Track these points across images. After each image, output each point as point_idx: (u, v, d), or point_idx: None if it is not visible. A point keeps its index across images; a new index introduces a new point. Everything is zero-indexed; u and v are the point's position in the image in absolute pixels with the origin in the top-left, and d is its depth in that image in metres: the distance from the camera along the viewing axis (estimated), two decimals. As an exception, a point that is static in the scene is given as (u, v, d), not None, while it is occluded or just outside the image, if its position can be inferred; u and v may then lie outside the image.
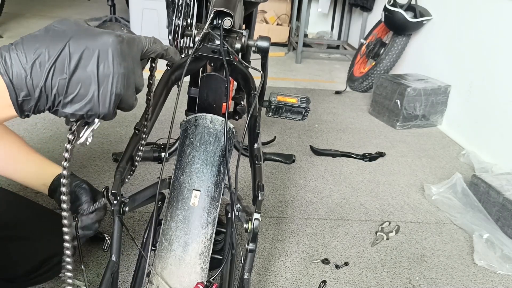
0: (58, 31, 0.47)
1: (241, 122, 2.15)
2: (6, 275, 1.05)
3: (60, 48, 0.46)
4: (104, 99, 0.48)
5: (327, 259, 1.49)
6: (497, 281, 1.49)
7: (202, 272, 0.90)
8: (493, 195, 1.77)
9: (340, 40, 4.73)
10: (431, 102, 2.73)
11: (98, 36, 0.48)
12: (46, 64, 0.45)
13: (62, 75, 0.46)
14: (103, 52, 0.47)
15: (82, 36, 0.47)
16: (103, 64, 0.47)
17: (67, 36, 0.46)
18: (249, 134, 1.04)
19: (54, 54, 0.45)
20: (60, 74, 0.46)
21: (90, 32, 0.48)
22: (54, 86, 0.46)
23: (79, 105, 0.48)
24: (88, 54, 0.47)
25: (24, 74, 0.45)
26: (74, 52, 0.46)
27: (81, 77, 0.47)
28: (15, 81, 0.45)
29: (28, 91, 0.45)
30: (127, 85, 0.50)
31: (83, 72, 0.47)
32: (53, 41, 0.46)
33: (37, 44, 0.45)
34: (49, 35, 0.46)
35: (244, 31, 1.07)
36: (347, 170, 2.15)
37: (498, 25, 2.40)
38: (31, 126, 2.25)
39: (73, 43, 0.46)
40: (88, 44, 0.47)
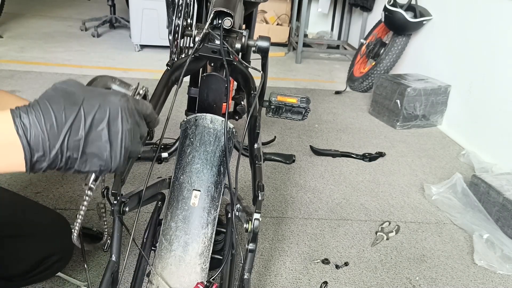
0: (69, 92, 0.49)
1: (241, 122, 2.15)
2: (4, 274, 1.05)
3: (76, 110, 0.47)
4: (115, 155, 0.51)
5: (327, 259, 1.49)
6: (497, 281, 1.49)
7: (202, 272, 0.90)
8: (493, 195, 1.77)
9: (340, 40, 4.73)
10: (431, 102, 2.73)
11: (107, 96, 0.50)
12: (63, 126, 0.47)
13: (77, 136, 0.48)
14: (113, 111, 0.49)
15: (93, 96, 0.49)
16: (114, 123, 0.50)
17: (79, 97, 0.49)
18: (249, 134, 1.04)
19: (71, 116, 0.47)
20: (76, 135, 0.48)
21: (99, 93, 0.50)
22: (70, 147, 0.48)
23: (92, 163, 0.50)
24: (101, 115, 0.49)
25: (41, 136, 0.46)
26: (88, 113, 0.48)
27: (94, 137, 0.49)
28: (32, 142, 0.46)
29: (44, 152, 0.47)
30: (134, 138, 0.52)
31: (96, 132, 0.49)
32: (68, 102, 0.48)
33: (53, 106, 0.47)
34: (62, 96, 0.48)
35: (244, 31, 1.07)
36: (347, 170, 2.15)
37: (498, 25, 2.40)
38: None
39: (87, 104, 0.48)
40: (101, 103, 0.49)
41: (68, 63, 3.39)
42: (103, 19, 4.54)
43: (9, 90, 2.72)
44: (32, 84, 2.85)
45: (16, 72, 3.05)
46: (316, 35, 4.77)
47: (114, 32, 4.57)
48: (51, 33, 4.30)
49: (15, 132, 0.45)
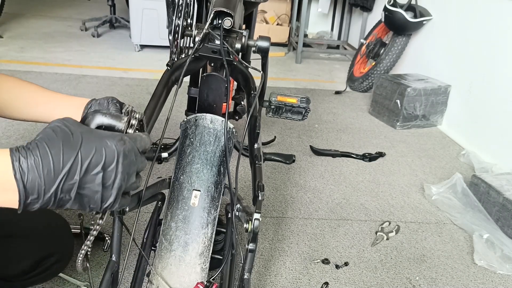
0: (67, 134, 0.50)
1: (241, 122, 2.15)
2: (2, 274, 1.05)
3: (74, 155, 0.48)
4: (106, 197, 0.52)
5: (327, 259, 1.49)
6: (497, 281, 1.49)
7: (202, 272, 0.90)
8: (493, 195, 1.77)
9: (340, 40, 4.73)
10: (431, 102, 2.73)
11: (104, 139, 0.51)
12: (59, 172, 0.48)
13: (72, 180, 0.49)
14: (109, 156, 0.50)
15: (91, 139, 0.50)
16: (109, 168, 0.50)
17: (78, 140, 0.49)
18: (249, 134, 1.04)
19: (68, 161, 0.48)
20: (71, 179, 0.49)
21: (96, 135, 0.51)
22: (64, 190, 0.49)
23: (83, 203, 0.51)
24: (97, 159, 0.50)
25: (38, 181, 0.47)
26: (85, 158, 0.49)
27: (88, 180, 0.50)
28: (29, 186, 0.47)
29: (38, 195, 0.48)
30: (129, 178, 0.53)
31: (91, 176, 0.50)
32: (66, 146, 0.48)
33: (52, 150, 0.48)
34: (61, 138, 0.49)
35: (244, 31, 1.07)
36: (347, 170, 2.15)
37: (498, 25, 2.40)
38: (31, 126, 2.25)
39: (84, 148, 0.49)
40: (97, 147, 0.50)
41: (68, 63, 3.39)
42: (103, 19, 4.54)
43: (9, 90, 2.71)
44: (32, 84, 2.84)
45: (16, 72, 3.05)
46: (316, 35, 4.77)
47: (114, 32, 4.57)
48: (51, 33, 4.30)
49: (13, 175, 0.46)
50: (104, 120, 0.57)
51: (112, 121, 0.57)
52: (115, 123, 0.58)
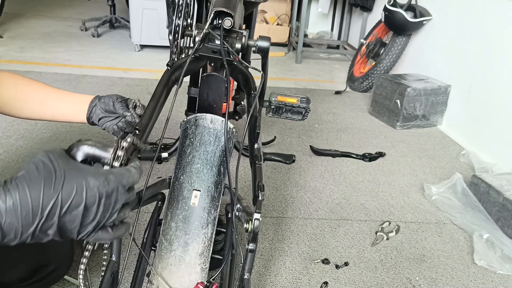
0: (49, 171, 0.48)
1: (241, 122, 2.15)
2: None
3: (54, 197, 0.47)
4: (84, 232, 0.51)
5: (327, 259, 1.49)
6: (497, 281, 1.49)
7: (202, 272, 0.90)
8: (493, 195, 1.77)
9: (340, 40, 4.73)
10: (431, 102, 2.73)
11: (87, 178, 0.50)
12: (37, 215, 0.47)
13: (51, 221, 0.48)
14: (90, 197, 0.49)
15: (73, 179, 0.49)
16: (89, 209, 0.50)
17: (60, 179, 0.48)
18: (249, 134, 1.04)
19: (48, 204, 0.47)
20: (49, 221, 0.48)
21: (79, 173, 0.50)
22: (42, 230, 0.48)
23: (60, 235, 0.50)
24: (77, 201, 0.49)
25: (15, 224, 0.46)
26: (65, 200, 0.48)
27: (67, 219, 0.49)
28: (6, 228, 0.46)
29: (15, 235, 0.47)
30: (110, 215, 0.53)
31: (70, 215, 0.49)
32: (47, 185, 0.47)
33: (32, 192, 0.47)
34: (42, 176, 0.48)
35: (244, 31, 1.07)
36: (347, 170, 2.15)
37: (498, 25, 2.40)
38: (31, 126, 2.25)
39: (66, 189, 0.48)
40: (78, 188, 0.49)
41: (68, 63, 3.39)
42: (103, 19, 4.54)
43: (9, 90, 2.72)
44: (32, 84, 2.84)
45: (16, 72, 3.05)
46: (316, 35, 4.77)
47: (114, 32, 4.57)
48: (51, 33, 4.30)
49: None
50: (89, 151, 0.56)
51: (98, 152, 0.56)
52: (101, 154, 0.56)
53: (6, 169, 1.83)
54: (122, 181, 0.53)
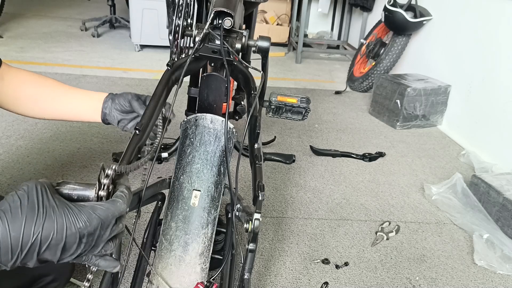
0: (33, 206, 0.48)
1: (241, 122, 2.15)
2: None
3: (33, 235, 0.47)
4: (64, 260, 0.51)
5: (327, 259, 1.49)
6: (497, 281, 1.49)
7: (202, 272, 0.90)
8: (493, 195, 1.77)
9: (340, 40, 4.73)
10: (431, 102, 2.73)
11: (68, 218, 0.50)
12: (16, 252, 0.47)
13: (30, 257, 0.48)
14: (70, 237, 0.49)
15: (54, 217, 0.49)
16: (69, 247, 0.50)
17: (41, 216, 0.48)
18: (249, 134, 1.04)
19: (28, 242, 0.47)
20: (28, 256, 0.48)
21: (62, 212, 0.50)
22: (22, 263, 0.49)
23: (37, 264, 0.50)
24: (57, 240, 0.49)
25: None
26: (45, 239, 0.48)
27: (46, 255, 0.49)
28: None
29: None
30: (93, 249, 0.53)
31: (49, 251, 0.49)
32: (28, 221, 0.47)
33: (12, 228, 0.47)
34: (24, 211, 0.48)
35: (244, 31, 1.07)
36: (347, 170, 2.15)
37: (498, 25, 2.40)
38: (31, 126, 2.25)
39: (46, 228, 0.48)
40: (59, 229, 0.49)
41: (68, 63, 3.39)
42: (103, 19, 4.54)
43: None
44: (32, 84, 2.84)
45: (16, 72, 3.05)
46: (316, 35, 4.77)
47: (114, 32, 4.57)
48: (51, 33, 4.30)
49: None
50: (73, 193, 0.55)
51: (81, 193, 0.56)
52: (84, 194, 0.56)
53: (6, 169, 1.83)
54: (107, 216, 0.52)
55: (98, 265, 0.55)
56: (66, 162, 1.94)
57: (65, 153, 2.02)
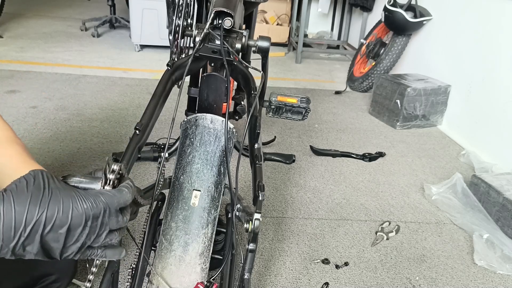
0: (39, 187, 0.48)
1: (241, 122, 2.15)
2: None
3: (37, 214, 0.46)
4: (67, 251, 0.50)
5: (327, 259, 1.49)
6: (497, 281, 1.49)
7: (202, 272, 0.90)
8: (493, 195, 1.77)
9: (340, 40, 4.73)
10: (431, 102, 2.73)
11: (75, 200, 0.49)
12: (19, 231, 0.46)
13: (33, 239, 0.47)
14: (76, 218, 0.48)
15: (60, 198, 0.48)
16: (74, 230, 0.49)
17: (46, 197, 0.47)
18: (249, 134, 1.04)
19: (31, 221, 0.46)
20: (31, 238, 0.47)
21: (68, 194, 0.49)
22: (23, 246, 0.47)
23: (42, 254, 0.49)
24: (62, 221, 0.47)
25: None
26: (49, 219, 0.47)
27: (49, 238, 0.48)
28: None
29: None
30: (97, 238, 0.51)
31: (53, 234, 0.48)
32: (33, 202, 0.46)
33: (17, 206, 0.46)
34: (30, 191, 0.47)
35: (244, 31, 1.07)
36: (347, 170, 2.15)
37: (498, 25, 2.40)
38: (31, 126, 2.25)
39: (51, 208, 0.47)
40: (65, 208, 0.48)
41: (68, 63, 3.39)
42: (103, 19, 4.54)
43: (9, 90, 2.72)
44: (32, 84, 2.85)
45: (16, 72, 3.05)
46: (316, 35, 4.77)
47: (114, 32, 4.57)
48: (51, 33, 4.30)
49: None
50: (79, 186, 0.55)
51: (87, 185, 0.55)
52: (90, 187, 0.56)
53: (6, 169, 1.83)
54: (112, 203, 0.52)
55: (105, 255, 0.54)
56: (66, 162, 1.94)
57: (65, 153, 2.02)
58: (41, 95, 2.68)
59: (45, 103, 2.56)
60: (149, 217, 0.99)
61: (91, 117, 2.43)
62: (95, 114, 2.48)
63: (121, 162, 0.71)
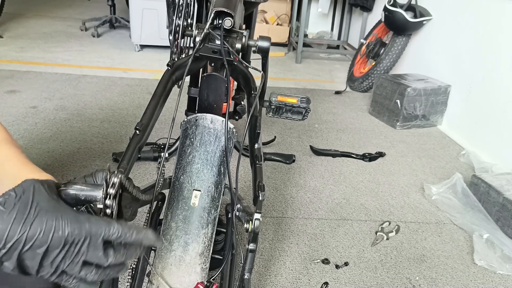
0: (26, 204, 0.48)
1: (241, 122, 2.15)
2: None
3: (19, 233, 0.47)
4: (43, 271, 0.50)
5: (327, 259, 1.49)
6: (497, 281, 1.49)
7: (202, 272, 0.90)
8: (493, 195, 1.77)
9: (340, 40, 4.73)
10: (431, 102, 2.73)
11: (60, 222, 0.49)
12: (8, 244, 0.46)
13: (11, 254, 0.47)
14: (55, 241, 0.48)
15: (45, 217, 0.48)
16: (53, 251, 0.49)
17: (32, 215, 0.48)
18: (249, 134, 1.04)
19: (12, 238, 0.46)
20: (10, 254, 0.47)
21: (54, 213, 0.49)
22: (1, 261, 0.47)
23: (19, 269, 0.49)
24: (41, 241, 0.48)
25: None
26: (30, 238, 0.47)
27: (27, 256, 0.48)
28: None
29: None
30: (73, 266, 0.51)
31: (31, 253, 0.48)
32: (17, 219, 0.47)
33: (1, 220, 0.46)
34: (16, 208, 0.47)
35: (244, 31, 1.07)
36: (347, 170, 2.15)
37: (498, 25, 2.40)
38: (31, 126, 2.25)
39: (33, 227, 0.47)
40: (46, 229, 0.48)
41: (68, 63, 3.39)
42: (103, 19, 4.54)
43: (9, 90, 2.72)
44: (32, 84, 2.85)
45: (16, 72, 3.05)
46: (316, 35, 4.77)
47: (114, 32, 4.57)
48: (51, 33, 4.30)
49: None
50: (80, 193, 0.54)
51: (88, 193, 0.54)
52: (91, 194, 0.55)
53: (6, 169, 1.83)
54: (97, 233, 0.50)
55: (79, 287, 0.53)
56: (66, 162, 1.94)
57: (65, 153, 2.02)
58: (41, 95, 2.68)
59: (45, 103, 2.56)
60: (149, 217, 0.99)
61: (91, 117, 2.43)
62: (95, 114, 2.48)
63: (121, 166, 0.70)
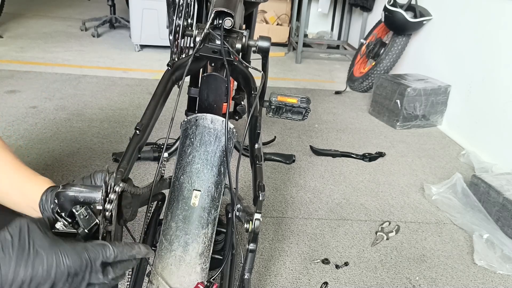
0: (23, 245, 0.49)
1: (242, 122, 2.15)
2: None
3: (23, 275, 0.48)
4: None
5: (327, 259, 1.49)
6: (497, 281, 1.49)
7: (202, 272, 0.90)
8: (493, 195, 1.77)
9: (340, 40, 4.73)
10: (431, 102, 2.73)
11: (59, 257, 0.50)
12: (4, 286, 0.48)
13: None
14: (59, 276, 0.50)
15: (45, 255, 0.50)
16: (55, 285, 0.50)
17: (31, 256, 0.49)
18: (249, 134, 1.04)
19: (16, 279, 0.48)
20: None
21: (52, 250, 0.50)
22: None
23: None
24: (46, 279, 0.49)
25: None
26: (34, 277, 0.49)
27: None
28: None
29: None
30: None
31: None
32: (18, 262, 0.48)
33: (2, 268, 0.47)
34: (15, 250, 0.49)
35: (244, 31, 1.07)
36: (347, 170, 2.15)
37: (498, 25, 2.40)
38: (31, 126, 2.25)
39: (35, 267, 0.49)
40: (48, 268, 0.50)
41: (68, 63, 3.39)
42: (103, 19, 4.54)
43: (9, 90, 2.72)
44: (32, 84, 2.85)
45: (16, 72, 3.05)
46: (316, 35, 4.77)
47: (114, 32, 4.57)
48: (51, 33, 4.30)
49: None
50: (79, 195, 0.54)
51: (88, 195, 0.55)
52: (91, 196, 0.55)
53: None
54: (96, 259, 0.53)
55: None
56: (66, 162, 1.94)
57: (65, 153, 2.02)
58: (41, 95, 2.68)
59: (45, 103, 2.56)
60: (149, 217, 0.99)
61: (91, 117, 2.43)
62: (95, 114, 2.48)
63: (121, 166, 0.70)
